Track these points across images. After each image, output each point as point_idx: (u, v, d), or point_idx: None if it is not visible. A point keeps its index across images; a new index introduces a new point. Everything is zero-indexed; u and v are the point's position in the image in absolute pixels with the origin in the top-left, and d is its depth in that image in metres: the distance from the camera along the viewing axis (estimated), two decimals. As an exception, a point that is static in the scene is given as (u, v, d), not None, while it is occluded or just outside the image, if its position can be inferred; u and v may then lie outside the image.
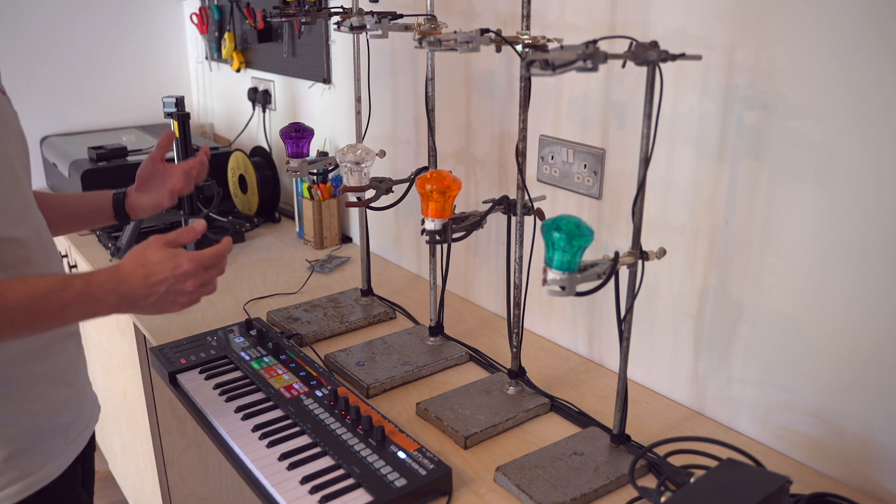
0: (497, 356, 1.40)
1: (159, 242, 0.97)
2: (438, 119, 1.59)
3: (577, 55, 0.84)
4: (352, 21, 1.32)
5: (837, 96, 0.97)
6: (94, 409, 1.17)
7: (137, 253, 0.96)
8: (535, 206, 1.20)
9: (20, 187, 0.99)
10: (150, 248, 0.96)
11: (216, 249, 0.99)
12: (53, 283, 0.90)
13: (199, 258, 0.97)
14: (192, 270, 0.96)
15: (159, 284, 0.94)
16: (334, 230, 2.01)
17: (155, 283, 0.94)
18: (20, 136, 1.05)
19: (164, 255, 0.95)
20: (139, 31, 2.68)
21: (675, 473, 0.94)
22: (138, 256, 0.95)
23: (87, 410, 1.13)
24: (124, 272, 0.93)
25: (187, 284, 0.96)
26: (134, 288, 0.93)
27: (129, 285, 0.93)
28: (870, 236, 0.97)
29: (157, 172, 1.27)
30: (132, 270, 0.93)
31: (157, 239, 0.97)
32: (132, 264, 0.94)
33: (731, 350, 1.17)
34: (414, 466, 1.03)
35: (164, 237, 0.98)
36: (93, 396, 1.18)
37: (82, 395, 1.11)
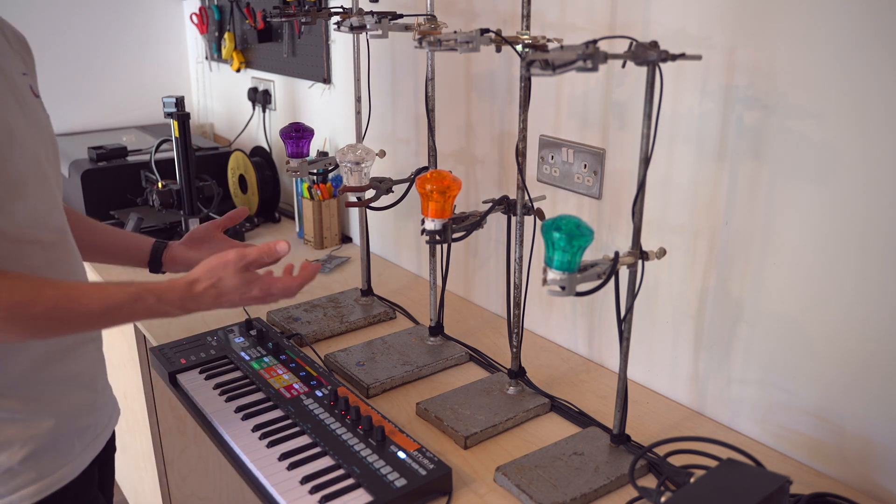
0: (497, 356, 1.40)
1: (238, 264, 0.97)
2: (438, 119, 1.59)
3: (577, 55, 0.84)
4: (352, 21, 1.32)
5: (837, 96, 0.97)
6: (113, 413, 1.17)
7: (215, 269, 0.97)
8: (535, 206, 1.20)
9: (48, 190, 0.99)
10: (228, 268, 0.97)
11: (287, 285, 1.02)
12: (127, 295, 0.92)
13: (268, 289, 1.00)
14: (259, 297, 1.00)
15: (226, 303, 0.98)
16: (334, 230, 2.01)
17: (223, 303, 0.98)
18: (51, 140, 1.04)
19: (239, 282, 0.97)
20: (139, 31, 2.68)
21: (675, 473, 0.94)
22: (214, 273, 0.96)
23: (106, 413, 1.13)
24: (196, 292, 0.95)
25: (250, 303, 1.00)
26: (201, 305, 0.97)
27: (198, 303, 0.96)
28: (869, 236, 0.97)
29: (214, 238, 1.26)
30: (205, 291, 0.96)
31: (238, 258, 0.97)
32: (206, 284, 0.96)
33: (731, 350, 1.17)
34: (414, 466, 1.03)
35: (245, 256, 0.98)
36: (112, 400, 1.18)
37: (102, 398, 1.11)
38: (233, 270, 0.97)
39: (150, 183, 2.03)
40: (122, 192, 2.11)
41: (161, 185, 1.94)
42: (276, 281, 1.01)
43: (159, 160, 2.02)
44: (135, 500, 2.23)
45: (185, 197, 1.93)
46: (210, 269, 0.97)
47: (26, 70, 1.05)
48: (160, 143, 2.01)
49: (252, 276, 0.99)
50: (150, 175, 2.05)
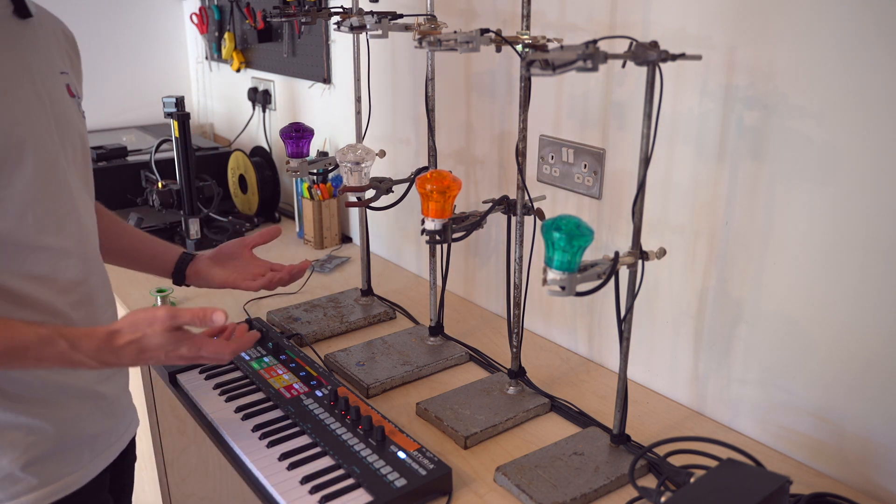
0: (497, 356, 1.40)
1: (167, 323, 0.90)
2: (438, 119, 1.59)
3: (577, 55, 0.84)
4: (352, 21, 1.32)
5: (837, 96, 0.97)
6: (130, 422, 1.14)
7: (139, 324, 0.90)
8: (535, 206, 1.20)
9: (67, 195, 0.96)
10: (155, 326, 0.90)
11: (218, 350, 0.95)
12: (36, 337, 0.85)
13: (197, 351, 0.93)
14: (187, 357, 0.93)
15: (149, 360, 0.92)
16: (334, 230, 2.01)
17: (145, 360, 0.92)
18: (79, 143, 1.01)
19: (166, 340, 0.91)
20: (139, 31, 2.68)
21: (675, 473, 0.94)
22: (138, 329, 0.90)
23: (122, 422, 1.10)
24: (116, 346, 0.89)
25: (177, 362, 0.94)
26: (122, 360, 0.90)
27: (118, 357, 0.90)
28: (869, 236, 0.97)
29: (242, 256, 1.25)
30: (126, 346, 0.89)
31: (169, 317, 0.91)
32: (128, 339, 0.89)
33: (731, 350, 1.17)
34: (414, 466, 1.03)
35: (176, 316, 0.91)
36: (130, 409, 1.15)
37: (116, 406, 1.08)
38: (160, 329, 0.90)
39: (150, 183, 2.03)
40: (122, 192, 2.11)
41: (161, 185, 1.94)
42: (207, 343, 0.94)
43: (159, 160, 2.02)
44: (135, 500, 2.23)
45: (185, 197, 1.93)
46: (134, 322, 0.90)
47: (68, 69, 1.03)
48: (160, 143, 2.01)
49: (181, 335, 0.92)
50: (150, 175, 2.06)
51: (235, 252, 1.26)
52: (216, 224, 2.00)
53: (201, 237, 1.96)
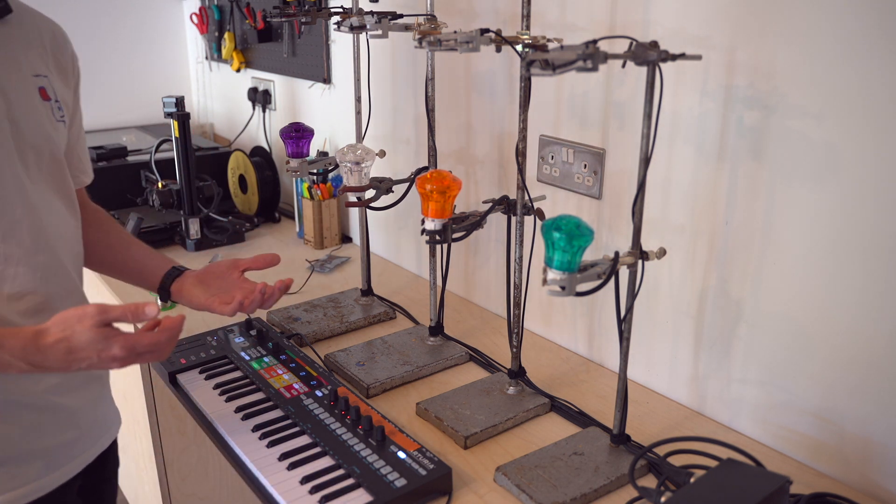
0: (497, 356, 1.40)
1: (95, 319, 0.85)
2: (438, 119, 1.59)
3: (577, 55, 0.83)
4: (352, 21, 1.32)
5: (837, 96, 0.97)
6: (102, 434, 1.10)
7: (66, 324, 0.84)
8: (535, 206, 1.20)
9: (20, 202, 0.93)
10: (84, 322, 0.84)
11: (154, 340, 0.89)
12: None
13: (132, 347, 0.87)
14: (121, 357, 0.87)
15: (81, 361, 0.86)
16: (334, 230, 2.01)
17: (75, 361, 0.85)
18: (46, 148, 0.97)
19: (94, 337, 0.84)
20: (139, 31, 2.68)
21: (675, 473, 0.94)
22: (66, 329, 0.84)
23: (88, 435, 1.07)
24: (44, 344, 0.84)
25: (112, 364, 0.88)
26: (48, 359, 0.85)
27: (45, 356, 0.84)
28: (869, 235, 0.97)
29: (230, 278, 1.15)
30: (54, 344, 0.84)
31: (98, 312, 0.85)
32: (56, 337, 0.84)
33: (731, 350, 1.17)
34: (414, 466, 1.03)
35: (106, 312, 0.85)
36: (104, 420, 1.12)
37: (79, 418, 1.05)
38: (88, 325, 0.84)
39: (150, 183, 2.03)
40: (122, 192, 2.11)
41: (161, 185, 1.94)
42: (141, 338, 0.88)
43: (159, 160, 2.02)
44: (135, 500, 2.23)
45: (185, 197, 1.93)
46: (63, 320, 0.84)
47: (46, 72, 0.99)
48: (160, 143, 2.01)
49: (111, 331, 0.86)
50: (150, 175, 2.06)
51: (224, 273, 1.16)
52: (216, 224, 2.00)
53: (201, 237, 1.96)
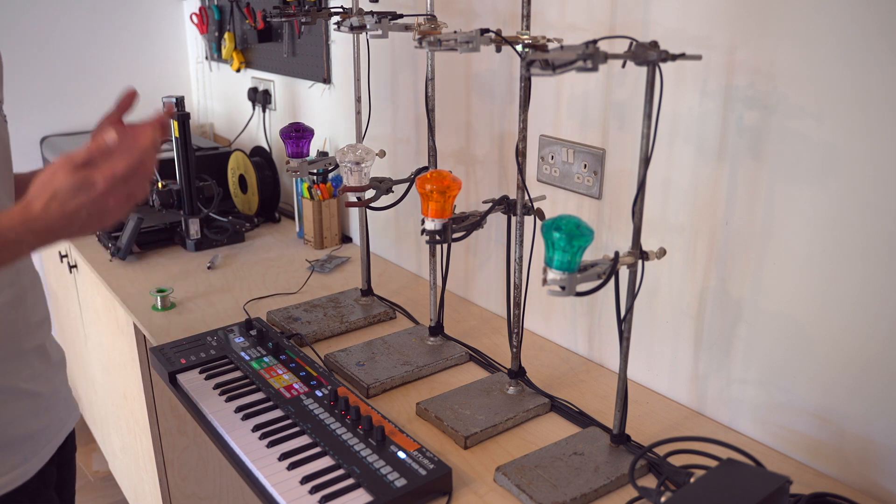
0: (497, 356, 1.40)
1: (67, 167, 0.85)
2: (438, 119, 1.59)
3: (577, 55, 0.84)
4: (352, 21, 1.32)
5: (837, 96, 0.97)
6: (67, 417, 1.14)
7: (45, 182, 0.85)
8: (535, 206, 1.20)
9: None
10: (58, 174, 0.84)
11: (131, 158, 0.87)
12: None
13: (112, 175, 0.85)
14: (109, 188, 0.85)
15: (78, 211, 0.84)
16: (334, 230, 2.01)
17: (72, 212, 0.84)
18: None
19: (75, 181, 0.84)
20: (139, 31, 2.68)
21: (675, 473, 0.94)
22: (47, 187, 0.84)
23: (57, 419, 1.10)
24: (35, 209, 0.83)
25: (109, 202, 0.86)
26: (51, 222, 0.84)
27: (45, 221, 0.84)
28: (869, 236, 0.97)
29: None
30: (45, 205, 0.83)
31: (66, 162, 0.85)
32: (43, 198, 0.84)
33: (731, 350, 1.17)
34: (414, 466, 1.03)
35: (73, 158, 0.85)
36: (68, 403, 1.15)
37: (51, 404, 1.08)
38: (63, 175, 0.84)
39: (150, 183, 2.02)
40: (122, 192, 2.10)
41: (161, 185, 1.94)
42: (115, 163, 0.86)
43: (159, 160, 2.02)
44: (135, 500, 2.23)
45: (185, 197, 1.93)
46: (41, 184, 0.85)
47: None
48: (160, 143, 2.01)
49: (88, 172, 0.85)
50: (150, 175, 2.05)
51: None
52: (216, 224, 2.00)
53: (201, 237, 1.96)
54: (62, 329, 2.63)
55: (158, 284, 1.72)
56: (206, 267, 1.85)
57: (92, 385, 2.34)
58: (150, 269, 1.83)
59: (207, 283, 1.75)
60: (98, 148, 0.86)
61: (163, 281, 1.76)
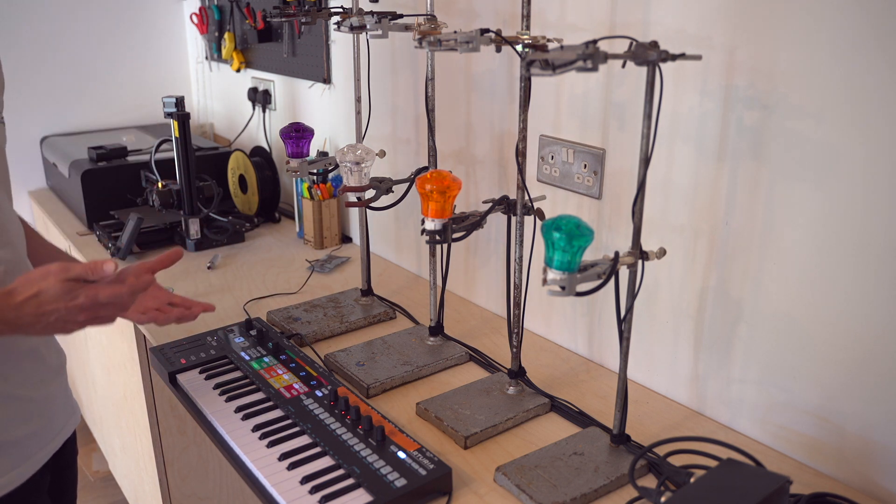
0: (497, 356, 1.40)
1: (60, 275, 0.92)
2: (438, 119, 1.59)
3: (577, 55, 0.84)
4: (352, 21, 1.32)
5: (837, 96, 0.97)
6: (65, 423, 1.13)
7: (34, 280, 0.91)
8: (535, 206, 1.20)
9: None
10: (49, 279, 0.91)
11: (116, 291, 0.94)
12: None
13: (94, 296, 0.93)
14: (87, 306, 0.93)
15: (49, 314, 0.91)
16: (334, 230, 2.01)
17: (45, 313, 0.91)
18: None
19: (62, 289, 0.91)
20: (139, 31, 2.68)
21: (675, 473, 0.94)
22: (33, 284, 0.91)
23: (53, 424, 1.10)
24: (15, 301, 0.90)
25: (79, 316, 0.93)
26: (21, 316, 0.90)
27: (18, 313, 0.90)
28: (869, 236, 0.97)
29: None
30: (25, 301, 0.90)
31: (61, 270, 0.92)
32: (26, 293, 0.90)
33: (731, 350, 1.17)
34: (414, 466, 1.03)
35: (69, 269, 0.92)
36: (66, 408, 1.15)
37: (44, 409, 1.08)
38: (54, 280, 0.90)
39: (150, 183, 2.03)
40: (122, 192, 2.11)
41: (161, 185, 1.94)
42: (102, 288, 0.93)
43: (159, 160, 2.02)
44: (135, 500, 2.23)
45: (185, 197, 1.93)
46: (29, 280, 0.91)
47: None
48: (160, 143, 2.01)
49: (75, 284, 0.92)
50: (150, 175, 2.06)
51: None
52: (216, 224, 2.00)
53: (201, 237, 1.96)
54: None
55: (158, 284, 1.72)
56: (206, 267, 1.85)
57: (92, 385, 2.34)
58: (150, 269, 1.83)
59: (207, 283, 1.75)
60: (94, 270, 0.93)
61: (163, 281, 1.76)
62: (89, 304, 0.92)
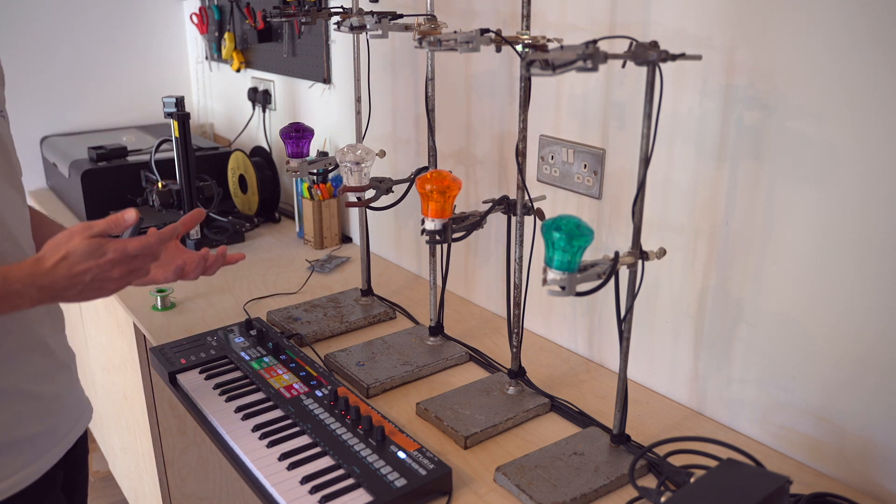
0: (497, 356, 1.40)
1: (85, 234, 0.91)
2: (438, 119, 1.59)
3: (577, 55, 0.84)
4: (352, 21, 1.32)
5: (837, 96, 0.97)
6: (77, 419, 1.13)
7: (60, 243, 0.90)
8: (535, 206, 1.20)
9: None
10: (74, 238, 0.90)
11: (143, 241, 0.94)
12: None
13: (123, 248, 0.92)
14: (118, 259, 0.92)
15: (83, 274, 0.90)
16: (334, 230, 2.01)
17: (78, 274, 0.90)
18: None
19: (89, 246, 0.90)
20: (139, 31, 2.68)
21: (675, 473, 0.94)
22: (60, 247, 0.90)
23: (65, 421, 1.09)
24: (46, 266, 0.89)
25: (113, 272, 0.92)
26: (56, 280, 0.89)
27: (52, 278, 0.89)
28: (869, 236, 0.97)
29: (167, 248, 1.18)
30: (55, 265, 0.89)
31: (84, 228, 0.92)
32: (55, 257, 0.89)
33: (731, 350, 1.17)
34: (414, 466, 1.03)
35: (91, 226, 0.92)
36: (78, 405, 1.14)
37: (56, 406, 1.07)
38: (79, 239, 0.90)
39: (150, 183, 2.03)
40: (122, 192, 2.11)
41: (161, 185, 1.94)
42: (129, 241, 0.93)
43: (159, 160, 2.02)
44: (135, 500, 2.23)
45: (185, 197, 1.93)
46: (56, 243, 0.90)
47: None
48: (160, 143, 2.01)
49: (102, 240, 0.91)
50: (150, 175, 2.06)
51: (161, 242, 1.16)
52: (216, 224, 2.00)
53: (201, 237, 1.96)
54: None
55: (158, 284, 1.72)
56: (206, 267, 1.84)
57: (92, 385, 2.34)
58: (150, 269, 1.83)
59: (207, 283, 1.75)
60: (116, 221, 0.94)
61: (163, 281, 1.75)
62: (120, 258, 0.91)
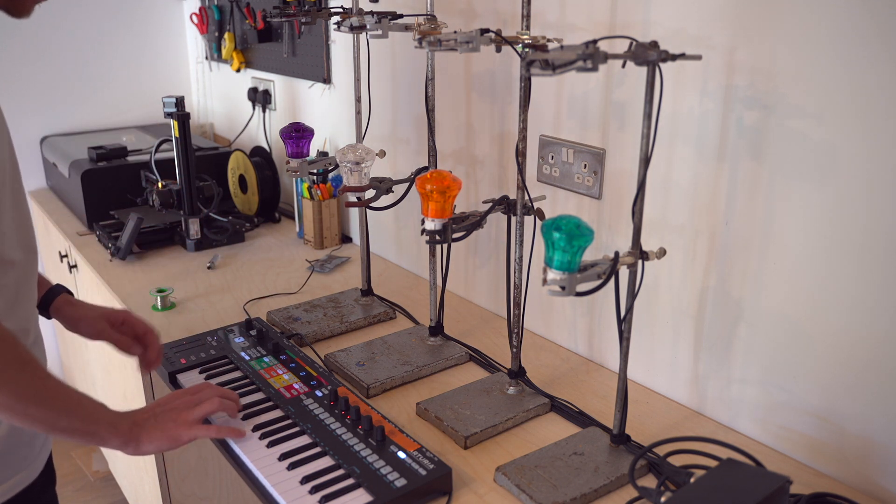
0: (497, 356, 1.40)
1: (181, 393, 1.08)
2: (438, 119, 1.59)
3: (577, 55, 0.84)
4: (352, 21, 1.32)
5: (837, 96, 0.97)
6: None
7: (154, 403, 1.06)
8: (535, 206, 1.20)
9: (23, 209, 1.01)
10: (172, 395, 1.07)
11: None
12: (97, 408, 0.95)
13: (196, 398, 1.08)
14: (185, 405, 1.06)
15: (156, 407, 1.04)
16: (334, 230, 2.01)
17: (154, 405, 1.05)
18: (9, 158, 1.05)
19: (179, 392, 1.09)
20: (139, 31, 2.68)
21: (675, 473, 0.94)
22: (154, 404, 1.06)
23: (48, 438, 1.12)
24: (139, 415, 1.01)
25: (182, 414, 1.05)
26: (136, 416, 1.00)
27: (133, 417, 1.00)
28: (869, 236, 0.97)
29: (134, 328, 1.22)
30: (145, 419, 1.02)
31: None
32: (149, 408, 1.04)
33: (731, 350, 1.17)
34: (414, 466, 1.03)
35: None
36: None
37: None
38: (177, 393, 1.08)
39: (150, 183, 2.03)
40: (122, 192, 2.11)
41: (161, 185, 1.94)
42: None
43: (159, 160, 2.02)
44: (134, 500, 2.23)
45: (185, 197, 1.93)
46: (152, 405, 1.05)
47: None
48: (160, 143, 2.01)
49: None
50: (150, 175, 2.06)
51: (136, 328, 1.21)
52: (216, 224, 2.00)
53: (201, 237, 1.96)
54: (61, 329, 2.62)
55: (158, 284, 1.72)
56: (206, 267, 1.85)
57: (92, 385, 2.34)
58: (150, 269, 1.83)
59: (207, 283, 1.75)
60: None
61: (163, 281, 1.76)
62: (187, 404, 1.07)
